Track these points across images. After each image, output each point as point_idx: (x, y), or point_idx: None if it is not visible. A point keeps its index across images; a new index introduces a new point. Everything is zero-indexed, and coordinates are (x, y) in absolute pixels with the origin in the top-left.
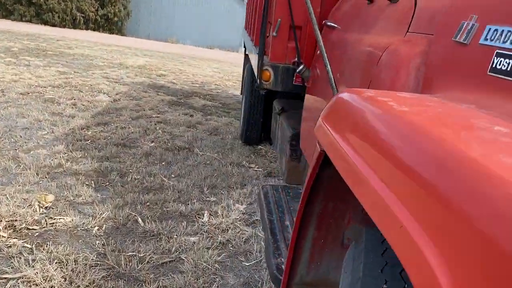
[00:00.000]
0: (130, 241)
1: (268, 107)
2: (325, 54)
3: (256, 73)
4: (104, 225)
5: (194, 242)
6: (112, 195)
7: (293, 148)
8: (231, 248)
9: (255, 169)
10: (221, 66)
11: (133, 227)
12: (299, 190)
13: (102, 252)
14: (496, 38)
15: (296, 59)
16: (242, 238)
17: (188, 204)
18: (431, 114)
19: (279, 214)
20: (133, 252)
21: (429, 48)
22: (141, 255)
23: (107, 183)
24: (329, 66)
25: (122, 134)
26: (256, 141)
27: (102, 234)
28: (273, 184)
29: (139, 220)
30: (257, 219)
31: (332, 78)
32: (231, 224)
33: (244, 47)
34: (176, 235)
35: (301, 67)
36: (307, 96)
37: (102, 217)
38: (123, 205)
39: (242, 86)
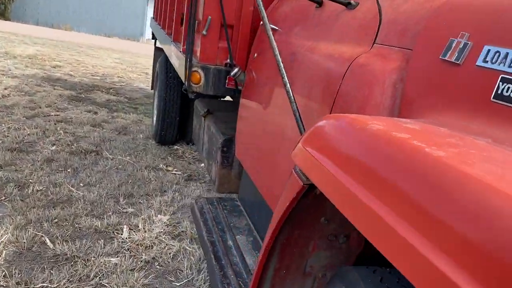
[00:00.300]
0: (38, 268)
1: (185, 105)
2: (284, 73)
3: (183, 75)
4: (4, 251)
5: (116, 264)
6: (11, 213)
7: (224, 155)
8: (158, 267)
9: (174, 172)
10: (122, 57)
11: (41, 251)
12: (236, 202)
13: (5, 286)
14: (499, 61)
15: (229, 60)
16: (169, 254)
17: (103, 218)
18: (461, 154)
19: (220, 233)
20: (43, 282)
21: (407, 64)
22: (54, 285)
23: (3, 198)
24: (294, 101)
25: (16, 136)
26: (172, 141)
27: (2, 262)
28: (207, 197)
29: (47, 241)
30: (182, 231)
31: (298, 112)
32: (155, 238)
33: (154, 38)
34: (94, 257)
35: (236, 70)
36: (242, 101)
37: (1, 241)
38: (25, 224)
39: (153, 80)
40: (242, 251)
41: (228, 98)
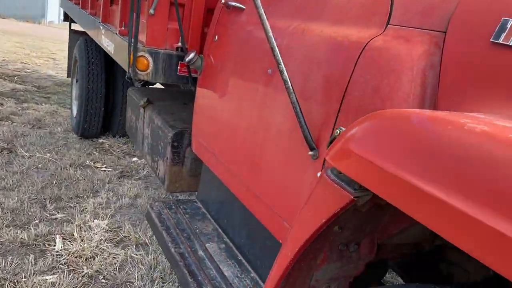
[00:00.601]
0: None
1: (110, 94)
2: (280, 59)
3: (124, 61)
4: None
5: (53, 283)
6: None
7: (175, 151)
8: (104, 281)
9: (104, 169)
10: (24, 40)
11: None
12: (196, 204)
13: None
14: None
15: (180, 43)
16: (115, 264)
17: (29, 228)
18: None
19: (187, 243)
20: None
21: (439, 48)
22: None
23: None
24: (293, 92)
25: None
26: (96, 134)
27: None
28: (163, 200)
29: None
30: (125, 236)
31: (298, 105)
32: (96, 248)
33: (67, 20)
34: (25, 277)
35: (191, 55)
36: (200, 90)
37: None
38: None
39: (69, 67)
40: (217, 262)
41: (157, 85)
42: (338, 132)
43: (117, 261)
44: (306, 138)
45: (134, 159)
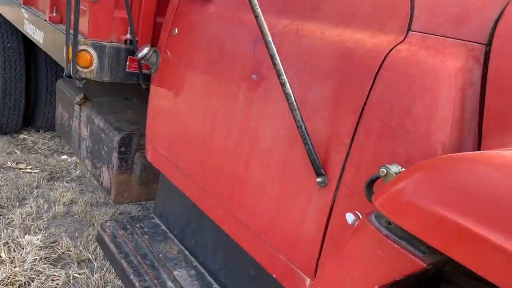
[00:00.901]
0: None
1: (31, 83)
2: (282, 69)
3: (61, 54)
4: None
5: None
6: None
7: (122, 157)
8: None
9: (29, 171)
10: None
11: None
12: (154, 221)
13: None
14: None
15: (129, 35)
16: None
17: None
18: None
19: (153, 273)
20: None
21: (479, 63)
22: None
23: None
24: (297, 108)
25: None
26: (16, 129)
27: None
28: (115, 218)
29: None
30: (63, 252)
31: (304, 126)
32: (30, 270)
33: None
34: None
35: (145, 49)
36: (156, 90)
37: None
38: None
39: None
40: None
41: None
42: (385, 171)
43: (58, 284)
44: (313, 162)
45: (64, 157)
